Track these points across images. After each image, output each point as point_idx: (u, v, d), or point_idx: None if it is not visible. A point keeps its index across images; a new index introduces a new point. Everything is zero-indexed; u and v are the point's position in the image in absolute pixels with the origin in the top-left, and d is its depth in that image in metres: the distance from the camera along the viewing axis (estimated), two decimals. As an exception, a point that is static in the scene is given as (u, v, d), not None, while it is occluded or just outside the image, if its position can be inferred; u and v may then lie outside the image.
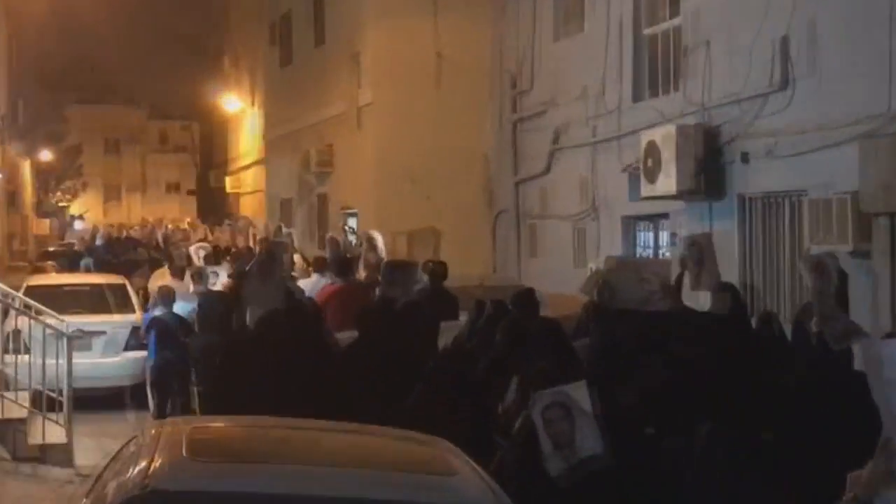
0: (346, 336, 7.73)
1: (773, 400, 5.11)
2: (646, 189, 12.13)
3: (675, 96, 12.58)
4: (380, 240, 15.11)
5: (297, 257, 15.34)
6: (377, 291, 10.64)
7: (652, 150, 11.90)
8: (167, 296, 12.33)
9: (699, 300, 8.38)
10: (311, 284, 12.60)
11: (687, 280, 8.40)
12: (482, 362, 6.76)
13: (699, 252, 8.45)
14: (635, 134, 12.76)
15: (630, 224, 13.79)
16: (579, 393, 5.01)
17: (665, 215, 12.82)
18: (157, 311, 12.36)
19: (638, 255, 12.37)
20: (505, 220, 17.64)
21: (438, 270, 10.86)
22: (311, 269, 13.87)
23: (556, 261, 15.29)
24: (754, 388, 5.39)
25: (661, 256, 12.97)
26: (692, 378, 5.51)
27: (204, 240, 21.31)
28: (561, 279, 10.93)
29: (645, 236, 13.64)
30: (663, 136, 11.78)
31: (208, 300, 10.90)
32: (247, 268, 9.09)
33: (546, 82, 15.85)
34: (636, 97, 13.60)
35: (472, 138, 18.05)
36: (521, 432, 5.26)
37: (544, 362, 5.79)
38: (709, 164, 11.54)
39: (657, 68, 13.31)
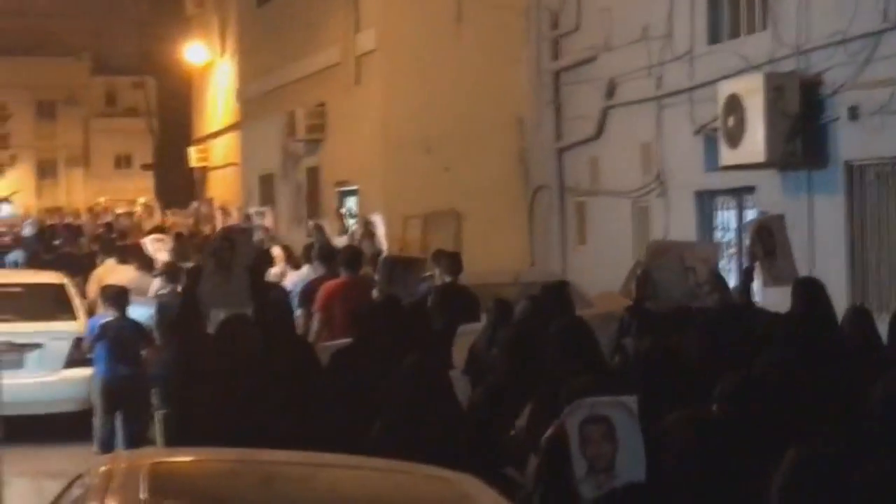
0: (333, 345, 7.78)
1: (855, 416, 5.29)
2: (726, 156, 12.12)
3: (763, 37, 12.54)
4: (380, 226, 15.17)
5: (277, 248, 15.40)
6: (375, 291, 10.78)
7: (733, 105, 11.87)
8: (118, 296, 12.35)
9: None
10: (298, 278, 12.81)
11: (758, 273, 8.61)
12: (482, 388, 6.98)
13: (769, 239, 8.66)
14: (712, 85, 12.74)
15: (706, 200, 13.78)
16: (628, 409, 5.18)
17: (751, 189, 12.80)
18: (107, 317, 12.39)
19: (682, 239, 12.38)
20: (545, 199, 17.62)
21: (451, 263, 11.01)
22: (291, 261, 14.04)
23: (611, 249, 15.26)
24: (837, 401, 5.63)
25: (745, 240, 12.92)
26: (764, 393, 5.69)
27: (161, 229, 21.38)
28: (617, 272, 10.88)
29: (725, 216, 13.63)
30: (748, 87, 11.76)
31: (171, 303, 10.91)
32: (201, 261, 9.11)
33: (596, 21, 15.82)
34: (713, 38, 13.56)
35: (503, 94, 18.02)
36: (549, 442, 5.47)
37: (576, 378, 6.00)
38: (807, 123, 11.51)
39: (739, 1, 13.26)
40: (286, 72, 22.69)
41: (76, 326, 13.56)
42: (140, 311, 12.30)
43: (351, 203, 19.77)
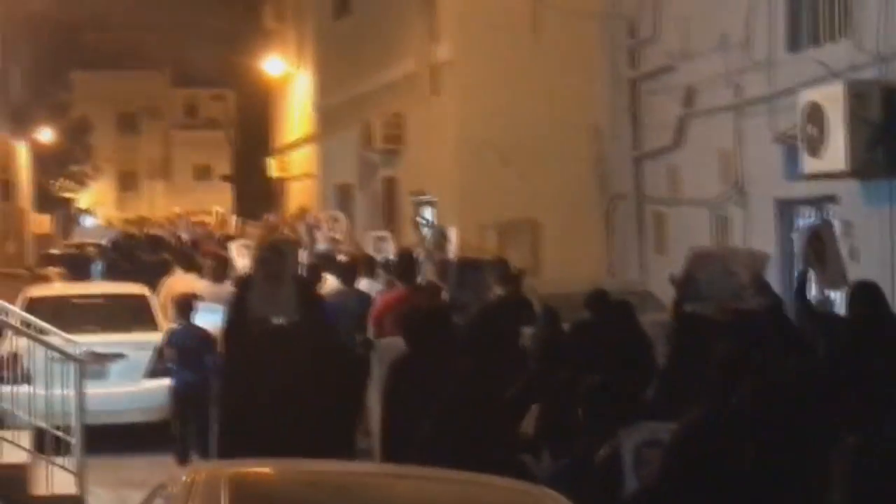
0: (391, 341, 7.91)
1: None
2: (807, 164, 11.97)
3: (843, 44, 12.37)
4: (453, 238, 15.23)
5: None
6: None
7: (814, 113, 11.73)
8: (183, 304, 12.53)
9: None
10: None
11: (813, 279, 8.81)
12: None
13: (820, 246, 8.93)
14: (792, 93, 12.59)
15: (786, 210, 13.63)
16: None
17: (832, 198, 12.63)
18: (175, 324, 12.57)
19: (726, 245, 12.67)
20: (622, 208, 17.52)
21: (505, 271, 11.13)
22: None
23: (691, 258, 15.13)
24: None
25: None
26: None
27: (231, 238, 21.64)
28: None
29: (806, 225, 13.45)
30: (828, 95, 11.61)
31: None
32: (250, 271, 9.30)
33: (674, 28, 15.71)
34: (793, 46, 13.41)
35: (580, 103, 17.95)
36: (604, 464, 5.73)
37: (594, 377, 6.46)
38: (889, 132, 11.34)
39: (818, 7, 13.10)
40: (363, 83, 22.79)
41: (158, 337, 13.70)
42: (209, 318, 12.38)
43: (427, 213, 19.79)
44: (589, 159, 18.18)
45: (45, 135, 43.22)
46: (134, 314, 14.50)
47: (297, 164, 31.17)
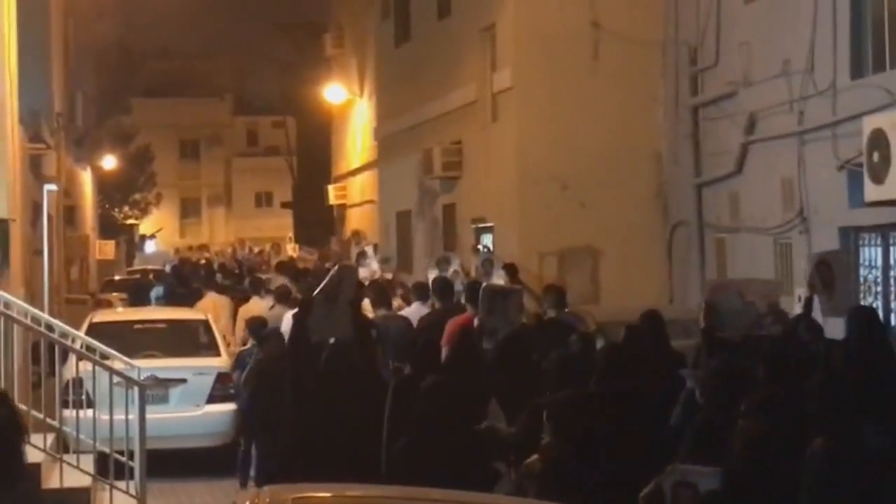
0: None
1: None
2: (871, 192, 11.85)
3: (909, 70, 12.27)
4: (497, 271, 15.64)
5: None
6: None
7: (878, 140, 11.63)
8: (257, 327, 12.64)
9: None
10: (410, 314, 13.04)
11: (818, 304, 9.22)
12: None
13: (829, 273, 9.28)
14: (856, 120, 12.49)
15: (851, 237, 13.50)
16: (712, 481, 6.14)
17: (897, 225, 12.50)
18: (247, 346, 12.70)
19: (742, 277, 12.93)
20: (684, 235, 17.42)
21: (556, 297, 11.85)
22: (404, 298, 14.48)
23: (753, 286, 15.02)
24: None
25: (893, 278, 12.65)
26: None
27: (285, 265, 21.83)
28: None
29: (871, 252, 13.32)
30: (893, 122, 11.52)
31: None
32: (314, 293, 9.81)
33: (736, 56, 15.65)
34: (856, 72, 13.30)
35: (640, 130, 17.90)
36: (647, 499, 6.32)
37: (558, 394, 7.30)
38: (956, 158, 11.21)
39: (882, 34, 13.00)
40: (423, 110, 22.86)
41: (219, 362, 13.79)
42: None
43: (487, 240, 19.80)
44: (650, 186, 18.12)
45: (109, 162, 43.70)
46: (195, 339, 14.61)
47: (356, 190, 31.30)
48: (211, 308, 16.61)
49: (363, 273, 18.65)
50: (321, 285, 9.78)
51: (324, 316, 9.16)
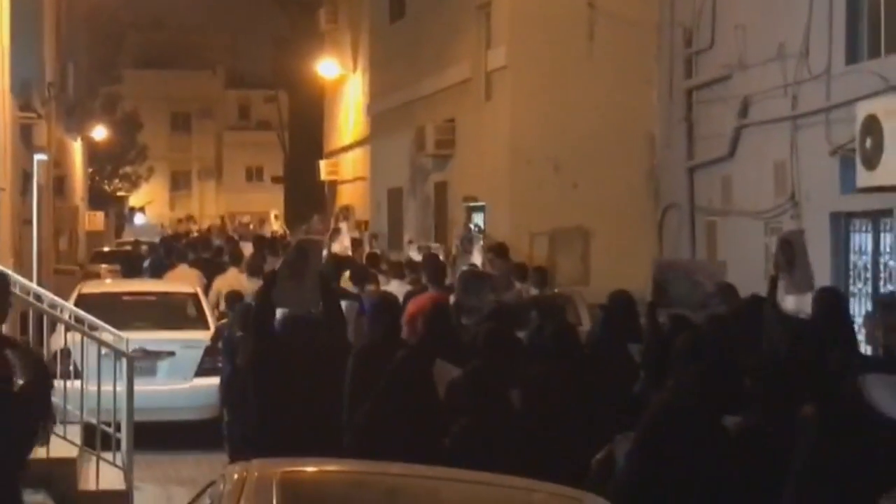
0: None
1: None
2: (863, 178, 11.89)
3: (904, 56, 12.29)
4: (478, 246, 16.07)
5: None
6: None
7: (871, 126, 11.65)
8: (232, 301, 12.70)
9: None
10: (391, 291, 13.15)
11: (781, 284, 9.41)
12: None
13: (790, 252, 9.52)
14: (849, 106, 12.52)
15: (842, 223, 13.53)
16: None
17: (889, 212, 12.54)
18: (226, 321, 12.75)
19: (691, 258, 13.44)
20: (675, 218, 17.46)
21: (539, 277, 12.48)
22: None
23: (743, 270, 15.03)
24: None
25: (882, 264, 12.69)
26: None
27: (264, 239, 21.89)
28: (747, 293, 10.76)
29: (862, 238, 13.36)
30: (886, 108, 11.54)
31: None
32: (277, 267, 10.00)
33: (731, 39, 15.66)
34: (851, 58, 13.32)
35: (634, 112, 17.93)
36: (600, 464, 6.53)
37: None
38: (948, 146, 11.25)
39: (878, 19, 13.02)
40: (416, 87, 22.85)
41: (208, 335, 13.80)
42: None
43: (478, 219, 19.83)
44: (642, 168, 18.16)
45: (99, 132, 43.61)
46: (184, 312, 14.62)
47: (348, 167, 31.29)
48: (180, 280, 16.70)
49: (335, 248, 19.06)
50: (285, 259, 9.96)
51: (290, 289, 9.27)
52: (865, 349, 8.92)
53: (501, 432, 6.69)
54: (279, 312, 9.24)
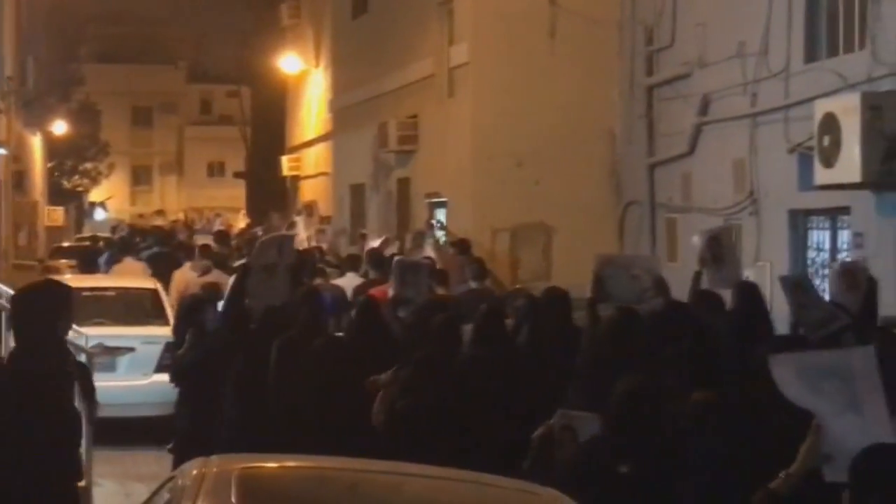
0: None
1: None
2: (821, 175, 11.99)
3: (861, 55, 12.40)
4: (429, 242, 16.92)
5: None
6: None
7: (829, 124, 11.75)
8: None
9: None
10: (343, 284, 13.67)
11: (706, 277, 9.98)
12: None
13: (719, 248, 10.08)
14: (808, 104, 12.62)
15: (800, 220, 13.66)
16: (592, 422, 6.59)
17: (846, 209, 12.65)
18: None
19: (629, 253, 14.15)
20: (636, 214, 17.56)
21: (477, 270, 13.00)
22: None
23: (702, 266, 15.17)
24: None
25: (838, 260, 12.82)
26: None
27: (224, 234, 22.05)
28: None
29: (819, 235, 13.49)
30: (844, 106, 11.63)
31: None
32: (246, 260, 10.55)
33: (691, 37, 15.75)
34: (809, 56, 13.44)
35: (595, 109, 17.99)
36: (539, 440, 6.93)
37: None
38: (905, 144, 11.36)
39: (837, 18, 13.13)
40: (379, 83, 22.85)
41: (167, 331, 13.78)
42: None
43: (441, 214, 19.86)
44: (603, 165, 18.23)
45: (59, 127, 43.32)
46: (144, 308, 14.59)
47: (311, 162, 31.24)
48: (125, 273, 16.79)
49: None
50: (256, 252, 10.28)
51: (262, 282, 9.66)
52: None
53: (438, 412, 6.91)
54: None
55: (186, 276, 15.46)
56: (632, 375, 6.29)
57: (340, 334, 9.80)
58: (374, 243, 17.82)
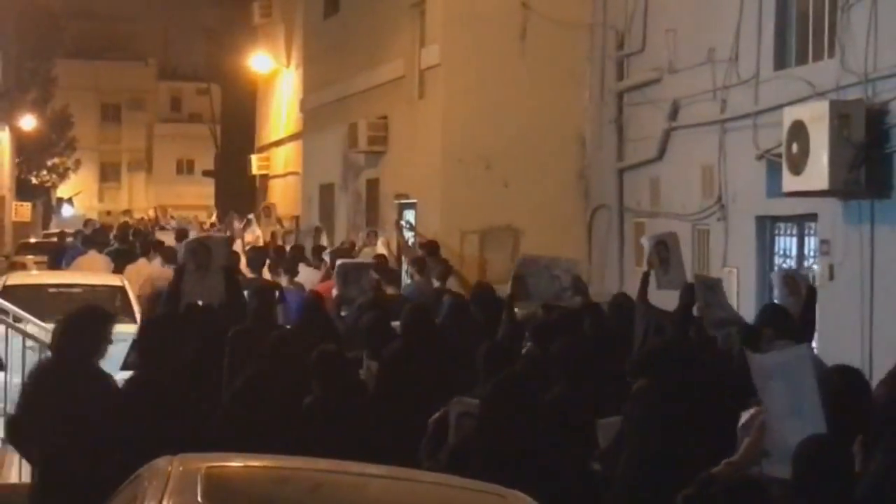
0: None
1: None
2: (789, 182, 12.05)
3: (830, 64, 12.47)
4: (381, 243, 17.76)
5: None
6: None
7: (798, 132, 11.81)
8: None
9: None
10: (301, 279, 14.19)
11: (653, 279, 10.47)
12: None
13: (666, 252, 10.65)
14: (776, 111, 12.68)
15: (767, 226, 13.72)
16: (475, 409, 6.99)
17: (813, 216, 12.72)
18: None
19: (551, 256, 14.28)
20: (604, 218, 17.60)
21: (442, 270, 13.47)
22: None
23: (670, 271, 15.21)
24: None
25: (805, 267, 12.89)
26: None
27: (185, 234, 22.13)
28: (675, 294, 10.89)
29: (786, 242, 13.55)
30: (813, 114, 11.69)
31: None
32: (181, 262, 10.92)
33: (662, 42, 15.80)
34: (779, 64, 13.50)
35: (565, 113, 18.02)
36: (434, 424, 7.29)
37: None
38: (872, 153, 11.43)
39: (807, 27, 13.20)
40: (350, 83, 22.83)
41: (134, 328, 13.67)
42: None
43: (409, 215, 19.85)
44: (572, 169, 18.26)
45: (28, 122, 43.08)
46: (111, 305, 14.48)
47: (280, 161, 31.18)
48: (87, 265, 16.93)
49: (248, 238, 20.68)
50: (184, 253, 10.76)
51: (196, 282, 10.13)
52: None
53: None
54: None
55: (141, 272, 15.73)
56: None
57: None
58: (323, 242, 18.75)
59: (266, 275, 14.42)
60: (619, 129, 17.09)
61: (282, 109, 31.06)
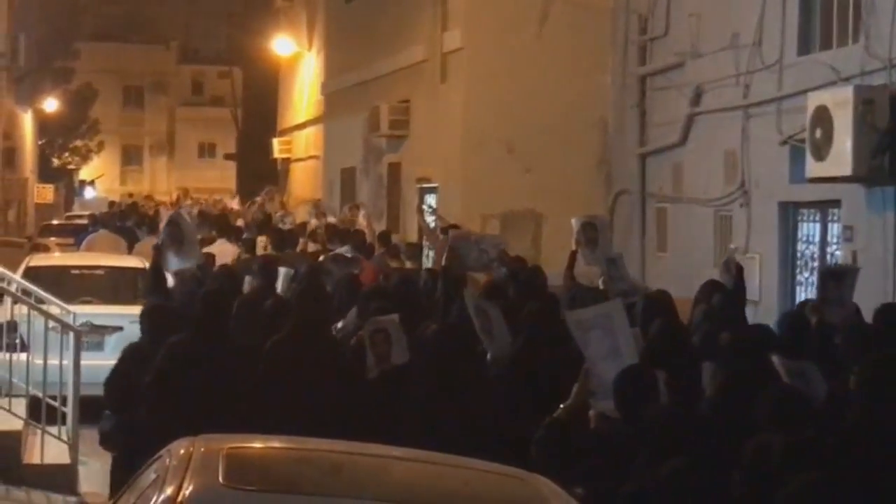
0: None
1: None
2: (812, 168, 12.00)
3: (854, 49, 12.40)
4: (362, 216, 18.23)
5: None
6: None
7: (821, 117, 11.76)
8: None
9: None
10: (213, 250, 14.86)
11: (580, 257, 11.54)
12: None
13: (594, 232, 11.82)
14: (800, 96, 12.63)
15: (790, 212, 13.66)
16: (396, 324, 7.94)
17: (836, 202, 12.66)
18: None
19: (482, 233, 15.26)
20: (626, 204, 17.55)
21: (413, 252, 14.52)
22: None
23: (691, 257, 15.17)
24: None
25: (828, 253, 12.85)
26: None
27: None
28: (697, 281, 10.86)
29: (809, 228, 13.50)
30: (837, 99, 11.64)
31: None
32: (158, 241, 12.06)
33: (685, 27, 15.73)
34: (803, 49, 13.43)
35: (587, 97, 17.98)
36: (357, 342, 8.07)
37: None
38: (896, 138, 11.37)
39: (831, 12, 13.13)
40: (371, 67, 22.81)
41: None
42: None
43: (431, 199, 19.85)
44: (594, 154, 18.22)
45: (51, 104, 43.20)
46: (133, 287, 14.53)
47: (301, 145, 31.18)
48: (101, 244, 17.16)
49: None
50: (162, 234, 12.07)
51: (173, 255, 11.35)
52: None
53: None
54: None
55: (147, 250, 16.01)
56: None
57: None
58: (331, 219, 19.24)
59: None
60: (642, 113, 17.02)
61: (303, 93, 31.05)
